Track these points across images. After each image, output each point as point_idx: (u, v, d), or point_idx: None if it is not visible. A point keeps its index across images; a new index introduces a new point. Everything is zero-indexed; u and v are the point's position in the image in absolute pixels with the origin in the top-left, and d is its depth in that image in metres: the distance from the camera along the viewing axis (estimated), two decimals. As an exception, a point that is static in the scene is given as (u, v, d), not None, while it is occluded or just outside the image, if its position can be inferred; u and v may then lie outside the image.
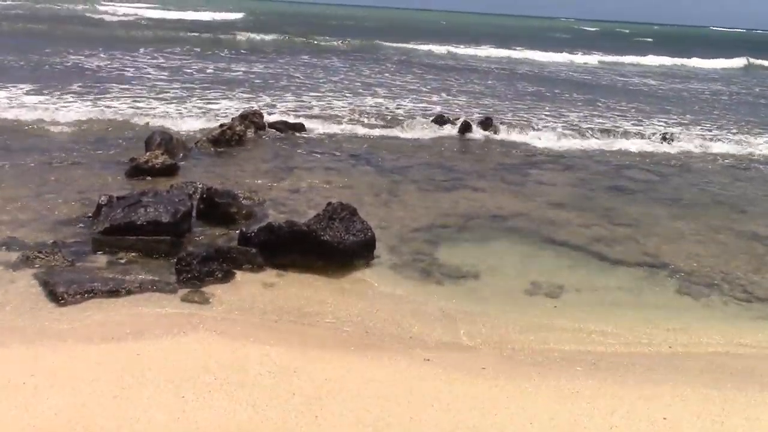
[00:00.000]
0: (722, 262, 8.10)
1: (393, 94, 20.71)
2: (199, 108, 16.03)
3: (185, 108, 15.89)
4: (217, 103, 16.92)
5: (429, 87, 23.30)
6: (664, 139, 15.35)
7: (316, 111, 16.76)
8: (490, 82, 26.24)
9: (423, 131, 14.94)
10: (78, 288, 5.90)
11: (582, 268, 7.69)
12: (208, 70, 23.11)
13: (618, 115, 19.48)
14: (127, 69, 21.98)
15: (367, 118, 16.23)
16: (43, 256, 6.62)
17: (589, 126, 16.95)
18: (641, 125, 17.91)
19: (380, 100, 19.09)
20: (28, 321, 5.48)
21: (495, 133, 15.05)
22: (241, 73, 23.30)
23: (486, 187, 10.84)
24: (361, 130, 14.65)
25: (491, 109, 18.76)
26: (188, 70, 22.73)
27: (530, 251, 8.10)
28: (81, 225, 7.79)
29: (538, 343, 5.83)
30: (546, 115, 18.71)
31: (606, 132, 16.00)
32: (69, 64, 22.07)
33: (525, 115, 18.22)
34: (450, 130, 15.02)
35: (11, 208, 8.16)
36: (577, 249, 8.23)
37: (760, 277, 7.74)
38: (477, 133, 14.96)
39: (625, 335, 6.10)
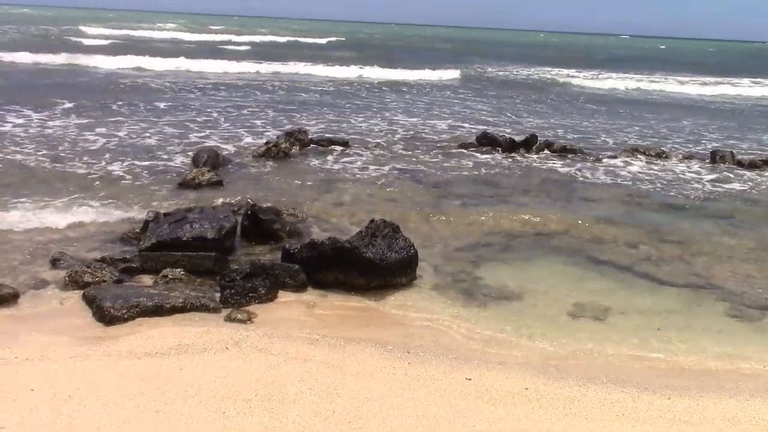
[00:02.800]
0: (777, 284, 7.85)
1: (449, 114, 20.67)
2: (248, 126, 16.24)
3: (236, 127, 16.11)
4: (266, 121, 17.14)
5: (490, 107, 23.17)
6: (714, 157, 14.99)
7: (362, 129, 16.83)
8: (550, 100, 25.88)
9: (468, 148, 14.89)
10: (124, 303, 5.98)
11: (629, 289, 7.53)
12: (277, 95, 23.13)
13: (675, 135, 19.09)
14: (190, 97, 22.40)
15: (411, 135, 16.25)
16: (90, 272, 6.75)
17: (640, 144, 16.63)
18: (694, 144, 17.49)
19: (432, 121, 19.01)
20: (75, 335, 5.58)
21: (541, 150, 14.91)
22: (307, 95, 23.36)
23: (531, 203, 10.73)
24: (405, 147, 14.67)
25: (550, 131, 18.59)
26: (258, 95, 22.97)
27: (575, 271, 7.97)
28: (128, 241, 7.93)
29: (584, 365, 5.71)
30: (599, 134, 18.49)
31: (656, 149, 15.65)
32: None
33: (576, 135, 18.02)
34: (495, 148, 14.92)
35: (61, 225, 8.36)
36: (624, 269, 8.07)
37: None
38: (523, 150, 14.85)
39: (673, 358, 5.95)
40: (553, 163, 13.92)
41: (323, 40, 65.92)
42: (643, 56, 69.56)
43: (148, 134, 14.32)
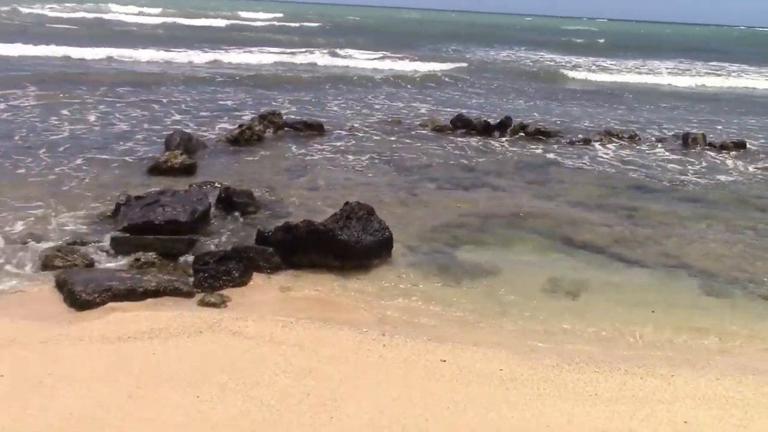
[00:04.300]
0: (746, 263, 7.96)
1: (432, 99, 20.48)
2: (221, 111, 16.00)
3: (209, 111, 15.90)
4: (240, 105, 16.96)
5: (474, 92, 23.02)
6: (686, 140, 15.10)
7: (339, 113, 16.72)
8: (536, 84, 25.77)
9: (443, 131, 14.88)
10: (95, 287, 5.91)
11: (603, 269, 7.59)
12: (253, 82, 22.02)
13: (655, 118, 19.19)
14: (162, 82, 22.05)
15: (386, 118, 16.19)
16: (61, 256, 6.66)
17: (614, 127, 16.62)
18: (671, 129, 17.53)
19: (414, 104, 18.91)
20: (46, 320, 5.50)
21: (516, 133, 14.94)
22: (286, 82, 22.29)
23: (506, 186, 10.76)
24: (381, 131, 14.61)
25: (533, 114, 18.58)
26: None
27: (550, 251, 8.02)
28: (100, 224, 7.83)
29: (558, 345, 5.76)
30: (580, 118, 18.54)
31: (629, 133, 15.69)
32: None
33: (550, 118, 18.03)
34: (470, 130, 14.92)
35: (31, 208, 8.23)
36: (598, 249, 8.13)
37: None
38: (497, 133, 14.86)
39: (646, 337, 6.02)
40: (528, 146, 13.96)
41: (303, 24, 64.45)
42: (628, 42, 69.53)
43: (117, 120, 14.02)
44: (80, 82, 18.50)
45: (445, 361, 5.20)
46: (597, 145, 14.46)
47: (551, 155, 13.27)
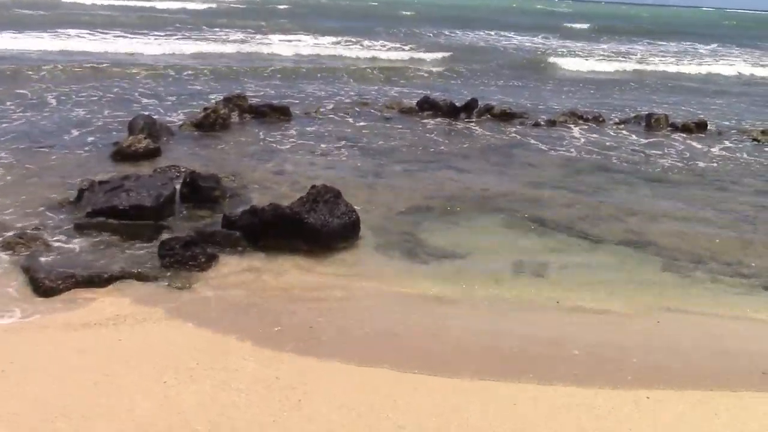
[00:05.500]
0: (707, 240, 8.11)
1: (404, 83, 20.33)
2: (188, 93, 15.77)
3: (173, 93, 15.67)
4: (206, 88, 16.75)
5: (448, 76, 22.91)
6: (649, 121, 15.27)
7: (302, 95, 16.59)
8: (508, 68, 25.77)
9: (409, 114, 14.87)
10: (59, 274, 5.84)
11: (568, 248, 7.68)
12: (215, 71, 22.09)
13: (622, 101, 19.35)
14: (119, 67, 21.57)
15: (353, 102, 16.10)
16: (24, 242, 6.56)
17: (578, 108, 16.69)
18: (636, 110, 17.66)
19: (385, 88, 18.81)
20: (9, 308, 5.43)
21: (482, 115, 14.99)
22: (250, 70, 21.48)
23: (471, 168, 10.81)
24: (348, 114, 14.53)
25: (502, 97, 18.61)
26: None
27: (516, 231, 8.09)
28: (63, 210, 7.70)
29: (525, 325, 5.81)
30: (540, 101, 18.60)
31: (593, 114, 15.82)
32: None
33: (519, 100, 18.06)
34: (436, 113, 14.92)
35: (-9, 194, 8.08)
36: (563, 228, 8.22)
37: (743, 254, 7.76)
38: (463, 115, 14.90)
39: (612, 315, 6.09)
40: (493, 128, 13.99)
41: (274, 7, 62.79)
42: (602, 24, 69.59)
43: (78, 106, 13.66)
44: (40, 69, 18.01)
45: (412, 344, 5.25)
46: (562, 126, 14.56)
47: (516, 136, 13.34)
